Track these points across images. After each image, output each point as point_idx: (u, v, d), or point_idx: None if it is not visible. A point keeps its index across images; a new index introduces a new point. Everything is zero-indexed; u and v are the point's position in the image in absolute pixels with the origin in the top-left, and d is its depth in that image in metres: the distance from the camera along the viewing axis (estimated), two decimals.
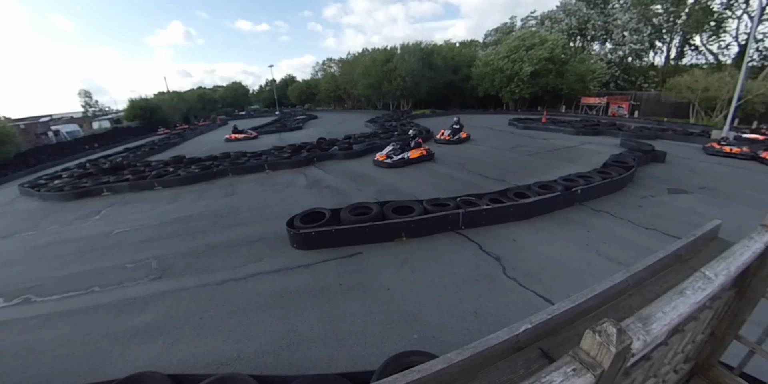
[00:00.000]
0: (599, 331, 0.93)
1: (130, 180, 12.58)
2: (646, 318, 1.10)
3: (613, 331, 0.91)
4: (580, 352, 0.98)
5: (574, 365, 0.95)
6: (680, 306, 1.16)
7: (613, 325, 0.93)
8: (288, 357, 3.73)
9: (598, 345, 0.93)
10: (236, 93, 60.15)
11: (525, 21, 40.63)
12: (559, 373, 0.93)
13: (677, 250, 1.82)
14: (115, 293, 5.47)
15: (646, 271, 1.66)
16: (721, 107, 19.72)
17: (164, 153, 21.29)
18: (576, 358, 0.97)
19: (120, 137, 32.62)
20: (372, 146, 15.21)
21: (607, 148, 13.05)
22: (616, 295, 1.54)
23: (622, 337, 0.91)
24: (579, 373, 0.92)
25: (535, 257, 5.39)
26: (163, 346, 4.13)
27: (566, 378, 0.92)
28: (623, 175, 8.27)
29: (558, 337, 1.30)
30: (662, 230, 6.07)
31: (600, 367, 0.93)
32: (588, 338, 0.96)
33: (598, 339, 0.93)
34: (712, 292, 1.27)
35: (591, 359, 0.94)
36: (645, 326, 1.05)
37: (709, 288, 1.25)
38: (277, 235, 6.79)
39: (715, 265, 1.36)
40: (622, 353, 0.94)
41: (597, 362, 0.94)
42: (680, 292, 1.22)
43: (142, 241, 7.54)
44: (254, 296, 4.93)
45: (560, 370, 0.94)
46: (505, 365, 1.18)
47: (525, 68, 27.41)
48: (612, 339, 0.90)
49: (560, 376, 0.92)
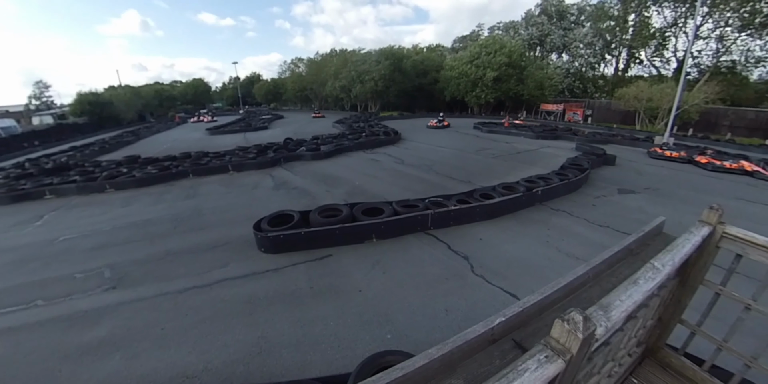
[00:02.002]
0: (567, 320, 1.00)
1: (78, 181, 11.62)
2: (606, 306, 1.20)
3: (580, 319, 0.99)
4: (551, 340, 1.05)
5: (546, 352, 1.01)
6: (635, 294, 1.27)
7: (579, 314, 1.00)
8: (259, 365, 3.62)
9: (567, 332, 1.01)
10: (197, 90, 57.55)
11: (492, 30, 42.31)
12: (534, 360, 0.99)
13: (629, 245, 1.99)
14: (63, 306, 5.03)
15: (603, 264, 1.80)
16: (663, 115, 21.58)
17: (116, 152, 19.87)
18: (548, 346, 1.03)
19: (65, 134, 30.04)
20: (340, 147, 15.12)
21: (564, 152, 13.86)
22: (578, 287, 1.66)
23: (588, 323, 0.99)
24: (551, 360, 0.99)
25: (501, 255, 5.63)
26: (120, 362, 3.85)
27: (540, 365, 0.98)
28: (579, 177, 8.82)
29: (529, 328, 1.38)
30: (614, 227, 6.55)
31: (569, 353, 1.00)
32: (557, 327, 1.03)
33: (567, 327, 1.00)
34: (661, 280, 1.40)
35: (561, 346, 1.02)
36: (606, 313, 1.15)
37: (658, 277, 1.39)
38: (244, 238, 6.57)
39: (662, 256, 1.50)
40: (588, 339, 1.02)
41: (566, 348, 1.01)
42: (634, 281, 1.33)
43: (92, 248, 6.99)
44: (220, 304, 4.73)
45: (534, 357, 1.00)
46: (482, 357, 1.23)
47: (488, 73, 28.50)
48: (579, 326, 0.98)
49: (534, 363, 0.98)
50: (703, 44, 26.21)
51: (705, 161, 11.83)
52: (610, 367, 1.85)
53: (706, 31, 25.33)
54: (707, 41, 25.92)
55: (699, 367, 2.03)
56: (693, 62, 26.47)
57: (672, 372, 2.16)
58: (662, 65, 31.14)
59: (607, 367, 1.80)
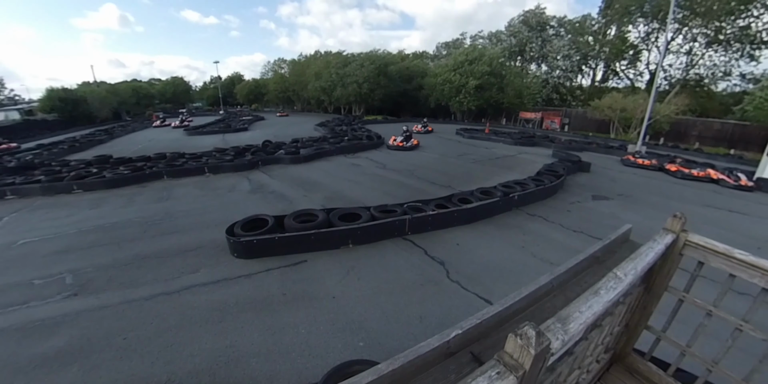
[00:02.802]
0: (520, 335, 0.97)
1: (43, 181, 11.03)
2: (564, 318, 1.17)
3: (533, 334, 0.95)
4: (504, 355, 1.01)
5: (498, 368, 0.97)
6: (595, 305, 1.25)
7: (532, 328, 0.96)
8: (226, 375, 3.47)
9: (520, 348, 0.97)
10: (177, 89, 56.14)
11: (474, 39, 43.17)
12: (485, 377, 0.94)
13: (595, 253, 2.00)
14: (18, 315, 4.70)
15: (568, 272, 1.79)
16: (636, 125, 22.45)
17: (87, 151, 19.03)
18: (500, 362, 0.99)
19: (33, 131, 28.62)
20: (321, 151, 14.97)
21: (541, 158, 14.19)
22: (542, 297, 1.64)
23: (541, 339, 0.95)
24: (503, 376, 0.95)
25: (477, 260, 5.64)
26: (77, 374, 3.63)
27: (491, 381, 0.93)
28: (554, 183, 9.01)
29: (488, 341, 1.34)
30: (588, 233, 6.69)
31: (522, 369, 0.96)
32: (511, 341, 0.99)
33: (519, 342, 0.96)
34: (623, 290, 1.39)
35: (514, 361, 0.98)
36: (563, 326, 1.12)
37: (620, 287, 1.38)
38: (216, 243, 6.36)
39: (625, 265, 1.50)
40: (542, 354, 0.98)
41: (519, 364, 0.97)
42: (595, 292, 1.32)
43: (54, 252, 6.61)
44: (188, 311, 4.53)
45: (485, 374, 0.95)
46: (437, 371, 1.19)
47: (471, 82, 29.03)
48: (531, 341, 0.94)
49: (485, 380, 0.93)
50: (673, 58, 27.55)
51: (675, 169, 12.34)
52: (577, 375, 1.83)
53: (676, 45, 26.65)
54: (677, 55, 27.27)
55: (664, 372, 2.06)
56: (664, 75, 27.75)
57: (639, 377, 2.18)
58: (636, 77, 32.60)
59: (574, 375, 1.78)
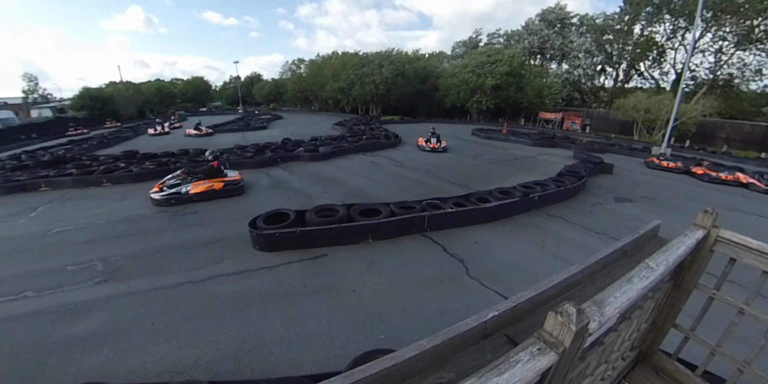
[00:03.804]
0: (561, 312, 1.00)
1: (74, 175, 11.53)
2: (600, 302, 1.19)
3: (573, 311, 0.98)
4: (543, 333, 1.04)
5: (539, 345, 1.01)
6: (629, 291, 1.27)
7: (573, 306, 1.00)
8: (249, 361, 3.58)
9: (560, 325, 1.00)
10: (198, 88, 57.53)
11: (491, 37, 42.64)
12: (526, 352, 0.98)
13: (624, 246, 1.99)
14: (53, 298, 4.96)
15: (598, 264, 1.80)
16: (660, 126, 21.79)
17: (115, 147, 19.80)
18: (540, 339, 1.03)
19: (64, 128, 29.90)
20: (339, 149, 15.13)
21: (561, 159, 13.95)
22: (572, 286, 1.66)
23: (581, 316, 0.99)
24: (543, 352, 0.99)
25: (496, 259, 5.62)
26: (108, 355, 3.80)
27: (532, 356, 0.97)
28: (576, 184, 8.86)
29: (522, 325, 1.37)
30: (610, 234, 6.57)
31: (562, 346, 1.00)
32: (551, 319, 1.03)
33: (560, 319, 1.00)
34: (655, 279, 1.40)
35: (554, 339, 1.01)
36: (599, 309, 1.14)
37: (652, 276, 1.39)
38: (238, 236, 6.53)
39: (656, 256, 1.51)
40: (581, 332, 1.01)
41: (559, 341, 1.00)
42: (628, 279, 1.33)
43: (86, 241, 6.92)
44: (213, 299, 4.69)
45: (526, 349, 0.99)
46: (474, 351, 1.23)
47: (488, 82, 28.67)
48: (572, 318, 0.97)
49: (527, 355, 0.97)
50: (701, 57, 26.58)
51: (701, 172, 11.94)
52: (604, 369, 1.84)
53: (704, 44, 25.71)
54: (705, 54, 26.29)
55: (692, 372, 2.03)
56: (690, 75, 26.79)
57: (665, 377, 2.15)
58: (661, 77, 31.58)
59: (601, 369, 1.79)
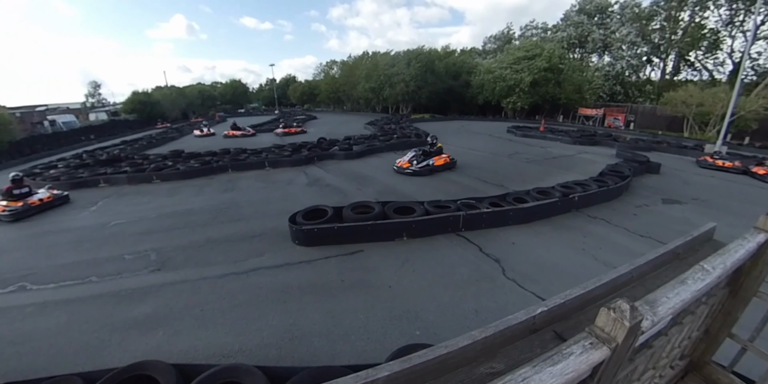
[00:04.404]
0: (614, 308, 1.02)
1: (128, 172, 12.54)
2: (652, 302, 1.20)
3: (626, 308, 1.00)
4: (595, 328, 1.07)
5: (590, 340, 1.04)
6: (682, 293, 1.26)
7: (626, 303, 1.02)
8: (291, 350, 3.77)
9: (613, 320, 1.02)
10: (236, 90, 60.06)
11: (524, 30, 41.18)
12: (578, 346, 1.02)
13: (676, 248, 1.93)
14: (114, 284, 5.46)
15: (648, 265, 1.76)
16: (715, 122, 20.17)
17: (162, 147, 21.23)
18: (592, 334, 1.06)
19: (117, 130, 32.39)
20: (372, 148, 15.32)
21: (602, 158, 13.29)
22: (621, 286, 1.64)
23: (634, 313, 1.01)
24: (596, 346, 1.01)
25: (533, 260, 5.51)
26: (163, 337, 4.13)
27: (585, 350, 1.00)
28: (619, 184, 8.45)
29: (570, 322, 1.39)
30: (656, 238, 6.22)
31: (614, 342, 1.02)
32: (603, 315, 1.05)
33: (613, 315, 1.02)
34: (710, 283, 1.37)
35: (606, 335, 1.04)
36: (652, 308, 1.15)
37: (707, 279, 1.36)
38: (278, 231, 6.84)
39: (712, 259, 1.46)
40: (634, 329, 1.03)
41: (611, 337, 1.03)
42: (682, 281, 1.32)
43: (140, 233, 7.52)
44: (256, 290, 4.96)
45: (579, 343, 1.02)
46: (522, 344, 1.27)
47: (525, 78, 27.69)
48: (626, 314, 0.99)
49: (579, 348, 1.00)
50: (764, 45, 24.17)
51: (763, 172, 10.94)
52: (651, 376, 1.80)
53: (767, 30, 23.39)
54: None
55: None
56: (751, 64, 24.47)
57: None
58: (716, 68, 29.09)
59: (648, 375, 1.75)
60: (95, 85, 48.34)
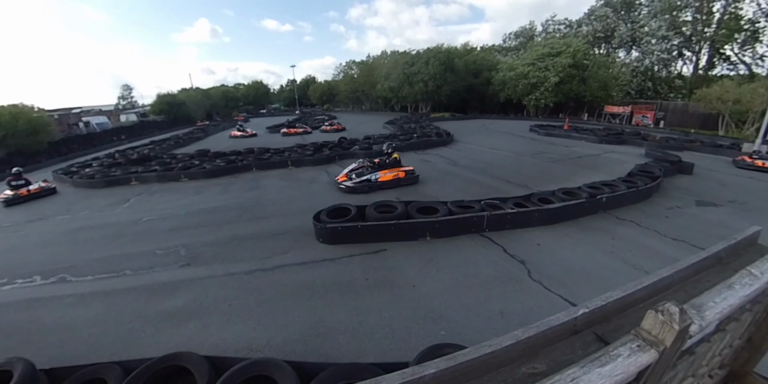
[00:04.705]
0: (662, 311, 1.01)
1: (158, 171, 13.04)
2: (699, 306, 1.17)
3: (676, 311, 0.99)
4: (641, 331, 1.06)
5: (637, 342, 1.03)
6: (729, 298, 1.22)
7: (675, 305, 1.00)
8: (317, 346, 3.83)
9: (661, 323, 1.01)
10: (258, 92, 61.33)
11: (546, 25, 40.12)
12: (625, 348, 1.01)
13: (719, 252, 1.86)
14: (147, 277, 5.71)
15: (690, 269, 1.71)
16: (754, 120, 19.11)
17: (189, 146, 21.96)
18: (639, 336, 1.05)
19: (146, 130, 33.72)
20: None
21: (631, 158, 12.83)
22: (662, 290, 1.61)
23: (684, 316, 0.99)
24: (643, 349, 1.01)
25: (560, 262, 5.40)
26: (194, 330, 4.28)
27: (632, 352, 1.00)
28: (649, 185, 8.15)
29: (610, 324, 1.38)
30: (690, 242, 5.96)
31: (662, 345, 1.01)
32: (650, 318, 1.04)
33: (661, 318, 1.01)
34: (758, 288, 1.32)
35: (653, 338, 1.03)
36: (699, 313, 1.12)
37: (755, 284, 1.32)
38: (302, 229, 6.97)
39: (760, 264, 1.42)
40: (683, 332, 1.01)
41: (659, 340, 1.02)
42: (728, 286, 1.28)
43: (169, 229, 7.82)
44: (281, 287, 5.07)
45: (625, 345, 1.02)
46: (563, 346, 1.26)
47: (551, 78, 26.91)
48: (675, 317, 0.98)
49: (626, 350, 1.00)
50: None
51: None
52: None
53: None
54: None
55: None
56: None
57: None
58: (754, 61, 27.44)
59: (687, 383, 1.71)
60: (127, 88, 51.00)
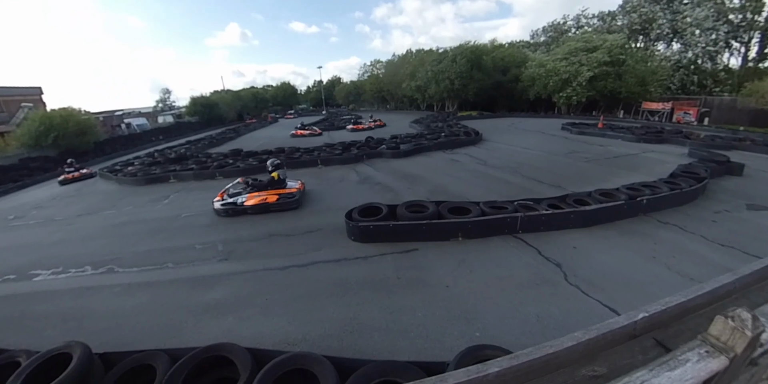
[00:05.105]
0: (732, 317, 0.99)
1: (194, 169, 13.68)
2: None
3: (748, 317, 0.97)
4: (709, 336, 1.04)
5: (705, 348, 1.02)
6: None
7: (747, 311, 0.98)
8: (351, 343, 3.91)
9: (731, 330, 0.99)
10: (286, 93, 62.93)
11: (577, 19, 38.51)
12: (693, 353, 1.00)
13: None
14: (187, 270, 6.02)
15: (753, 275, 1.65)
16: None
17: (222, 146, 22.85)
18: (706, 342, 1.03)
19: (182, 131, 35.39)
20: (419, 147, 15.32)
21: (672, 157, 12.16)
22: (723, 296, 1.56)
23: (756, 323, 0.97)
24: (713, 355, 0.99)
25: (598, 266, 5.22)
26: (233, 322, 4.47)
27: (701, 358, 0.99)
28: (694, 187, 7.70)
29: (670, 330, 1.36)
30: (742, 248, 5.57)
31: (732, 352, 0.99)
32: (719, 323, 1.02)
33: (731, 324, 0.99)
34: None
35: (722, 344, 1.01)
36: None
37: None
38: (334, 226, 7.12)
39: None
40: (755, 340, 0.99)
41: (729, 346, 1.00)
42: None
43: (207, 225, 8.20)
44: (315, 283, 5.21)
45: (693, 351, 1.01)
46: (622, 350, 1.26)
47: (585, 73, 25.83)
48: (747, 324, 0.96)
49: (695, 356, 0.99)
50: None
51: None
52: None
53: None
54: None
55: None
56: None
57: None
58: None
59: None
60: (166, 91, 53.97)
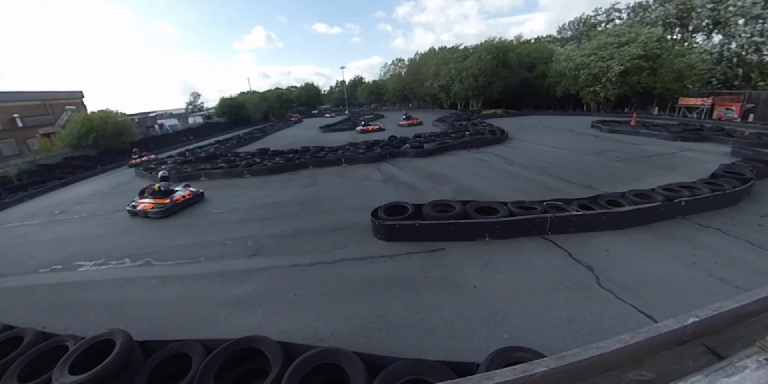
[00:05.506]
0: None
1: (224, 168, 14.16)
2: None
3: None
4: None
5: (765, 355, 0.99)
6: None
7: None
8: (379, 340, 3.95)
9: None
10: (309, 93, 63.92)
11: (608, 13, 36.87)
12: (752, 360, 0.97)
13: None
14: (219, 265, 6.25)
15: None
16: None
17: (249, 145, 23.52)
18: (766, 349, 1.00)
19: (211, 131, 36.69)
20: (444, 146, 15.21)
21: (713, 157, 11.50)
22: None
23: None
24: None
25: (632, 270, 5.03)
26: (263, 316, 4.61)
27: (760, 365, 0.96)
28: (738, 188, 7.26)
29: (721, 336, 1.31)
30: None
31: None
32: None
33: None
34: None
35: None
36: None
37: None
38: (359, 224, 7.20)
39: None
40: None
41: None
42: None
43: (236, 221, 8.47)
44: (343, 280, 5.29)
45: (752, 357, 0.98)
46: (671, 355, 1.24)
47: (615, 67, 24.75)
48: None
49: (753, 363, 0.96)
50: None
51: None
52: None
53: None
54: None
55: None
56: None
57: None
58: None
59: None
60: (196, 94, 56.22)
